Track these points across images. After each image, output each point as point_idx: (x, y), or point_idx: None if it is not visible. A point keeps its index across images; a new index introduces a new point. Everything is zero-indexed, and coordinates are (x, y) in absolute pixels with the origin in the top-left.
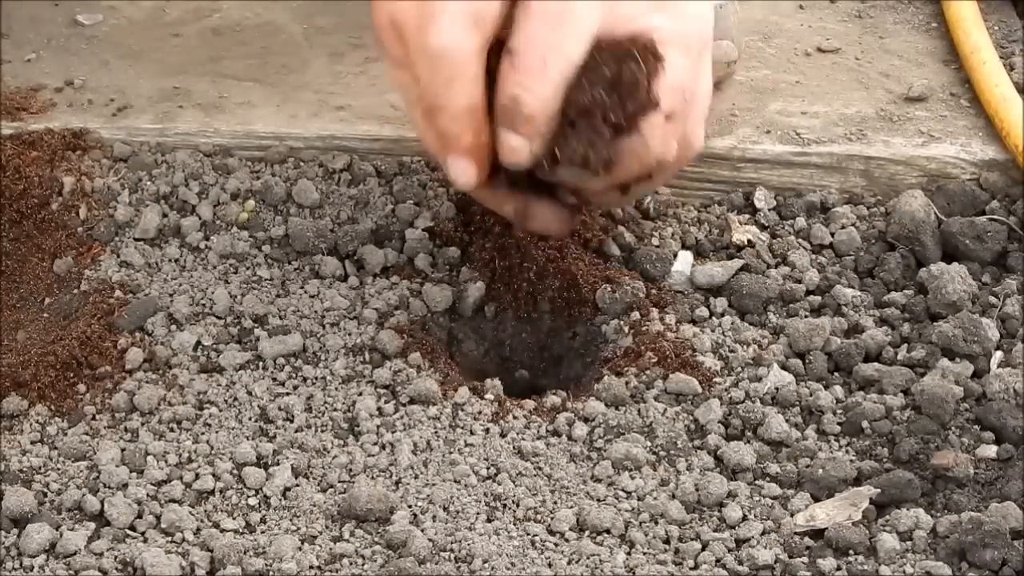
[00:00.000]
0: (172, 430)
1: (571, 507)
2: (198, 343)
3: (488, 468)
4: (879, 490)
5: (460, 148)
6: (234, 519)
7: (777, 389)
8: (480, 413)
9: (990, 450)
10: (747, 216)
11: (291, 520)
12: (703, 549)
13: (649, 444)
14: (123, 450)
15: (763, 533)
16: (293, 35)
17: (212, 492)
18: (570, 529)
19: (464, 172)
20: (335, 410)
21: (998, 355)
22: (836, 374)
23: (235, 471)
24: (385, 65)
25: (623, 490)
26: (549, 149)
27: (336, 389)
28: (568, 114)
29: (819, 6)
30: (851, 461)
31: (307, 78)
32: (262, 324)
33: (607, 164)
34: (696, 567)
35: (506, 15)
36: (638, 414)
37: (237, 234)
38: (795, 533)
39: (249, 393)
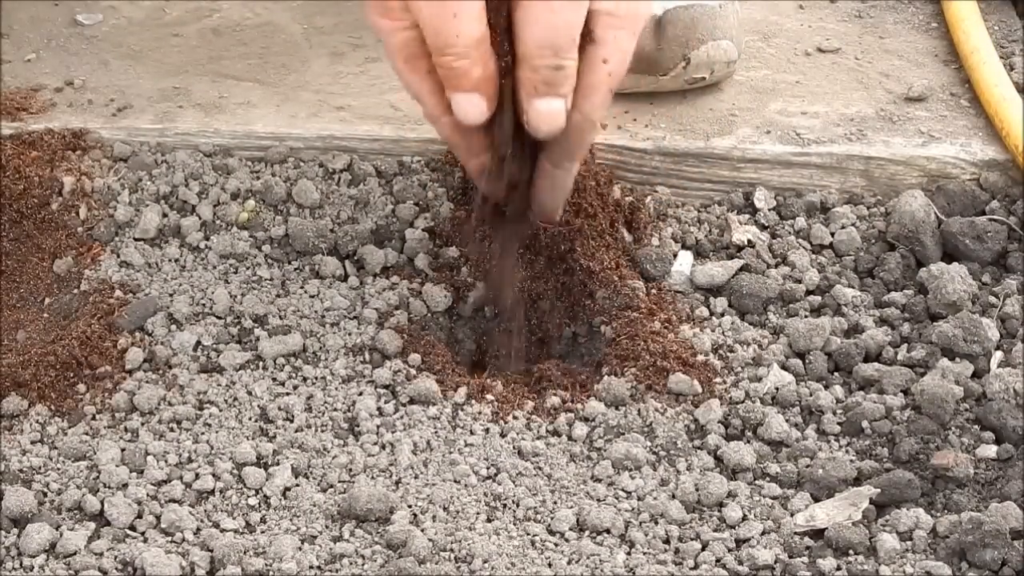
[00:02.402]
0: (172, 430)
1: (571, 507)
2: (198, 343)
3: (488, 468)
4: (879, 490)
5: (471, 82)
6: (234, 519)
7: (777, 389)
8: (480, 413)
9: (990, 450)
10: (747, 216)
11: (291, 520)
12: (703, 549)
13: (649, 444)
14: (123, 450)
15: (763, 533)
16: (293, 35)
17: (212, 492)
18: (570, 529)
19: (475, 106)
20: (335, 410)
21: (998, 355)
22: (836, 374)
23: (235, 471)
24: (369, 14)
25: (623, 490)
26: None
27: (336, 389)
28: None
29: (819, 6)
30: (851, 461)
31: (307, 78)
32: (262, 324)
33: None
34: (696, 567)
35: None
36: (638, 414)
37: (237, 234)
38: (795, 533)
39: (249, 393)
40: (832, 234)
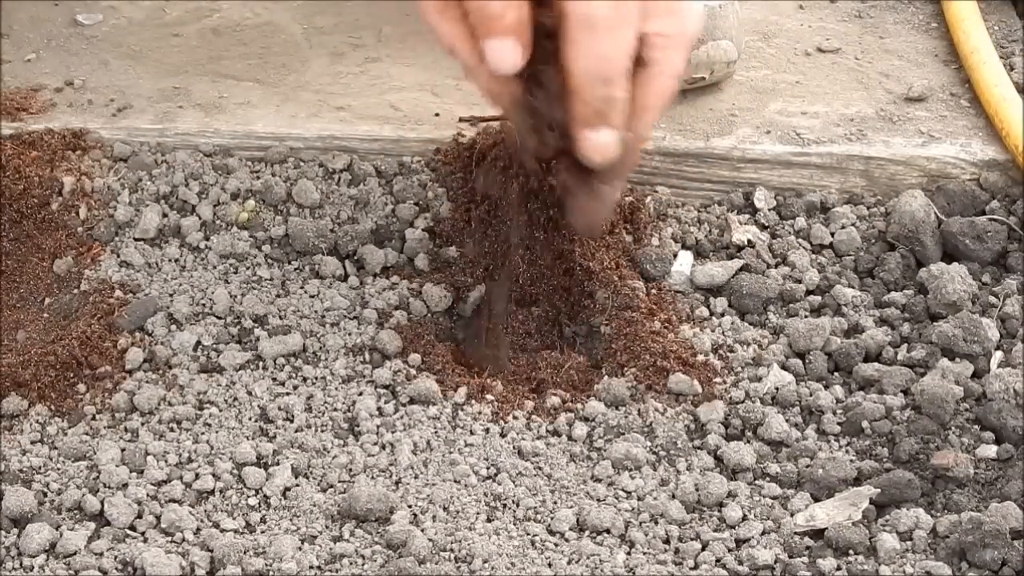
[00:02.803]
0: (172, 430)
1: (571, 507)
2: (198, 343)
3: (488, 468)
4: (879, 490)
5: (504, 27)
6: (234, 519)
7: (777, 389)
8: (480, 413)
9: (990, 450)
10: (747, 216)
11: (291, 520)
12: (703, 549)
13: (649, 444)
14: (123, 450)
15: (763, 533)
16: (293, 35)
17: (212, 492)
18: (570, 529)
19: (509, 52)
20: (335, 410)
21: (998, 355)
22: (836, 374)
23: (235, 471)
24: None
25: (623, 490)
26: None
27: (336, 389)
28: None
29: (819, 6)
30: (851, 461)
31: (307, 78)
32: (262, 324)
33: None
34: (696, 567)
35: None
36: (638, 414)
37: (237, 234)
38: (795, 533)
39: (249, 393)
40: (832, 234)
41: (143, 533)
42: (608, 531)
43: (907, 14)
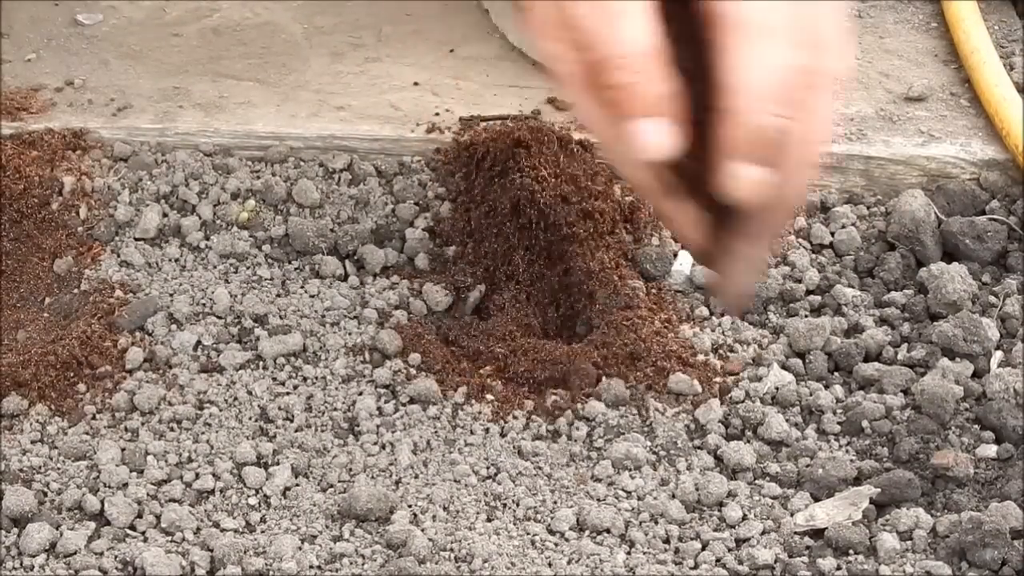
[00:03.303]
0: (172, 430)
1: (571, 507)
2: (198, 343)
3: (488, 468)
4: (879, 490)
5: (647, 102)
6: (234, 519)
7: (777, 389)
8: (480, 413)
9: (990, 450)
10: None
11: (291, 520)
12: (703, 549)
13: (649, 444)
14: (123, 450)
15: (763, 533)
16: (293, 35)
17: (212, 492)
18: (570, 529)
19: (659, 133)
20: (335, 410)
21: (998, 355)
22: (836, 374)
23: (235, 471)
24: (537, 40)
25: (623, 490)
26: None
27: (336, 389)
28: None
29: None
30: (851, 461)
31: (307, 78)
32: (262, 324)
33: None
34: (696, 567)
35: None
36: (638, 414)
37: (237, 234)
38: (795, 533)
39: (249, 393)
40: (832, 234)
41: (143, 533)
42: (608, 531)
43: (907, 14)
